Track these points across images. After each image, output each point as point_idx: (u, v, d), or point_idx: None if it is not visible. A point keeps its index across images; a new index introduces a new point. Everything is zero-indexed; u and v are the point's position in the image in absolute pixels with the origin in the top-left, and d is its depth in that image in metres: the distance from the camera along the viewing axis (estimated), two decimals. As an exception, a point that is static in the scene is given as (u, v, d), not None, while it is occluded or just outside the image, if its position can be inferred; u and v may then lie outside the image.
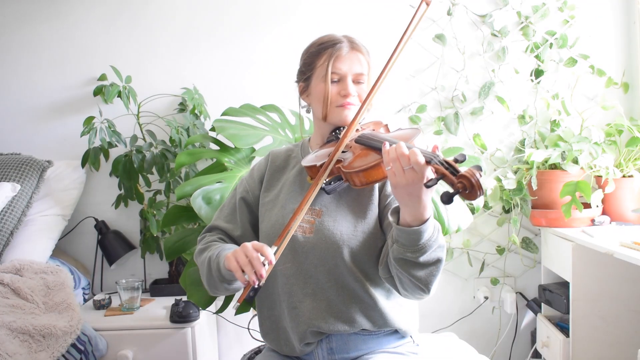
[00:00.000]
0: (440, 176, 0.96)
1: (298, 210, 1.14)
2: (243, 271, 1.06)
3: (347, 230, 1.20)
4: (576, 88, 2.26)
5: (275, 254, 1.08)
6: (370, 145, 1.15)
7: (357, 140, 1.20)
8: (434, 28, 2.31)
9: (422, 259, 1.07)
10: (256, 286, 1.05)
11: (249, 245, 1.08)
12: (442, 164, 0.96)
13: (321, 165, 1.19)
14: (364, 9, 2.33)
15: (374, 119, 1.35)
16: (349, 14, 2.33)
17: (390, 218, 1.09)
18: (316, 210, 1.24)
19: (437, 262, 1.09)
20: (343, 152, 1.19)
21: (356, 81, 1.27)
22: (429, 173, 0.99)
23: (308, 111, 1.38)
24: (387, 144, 1.05)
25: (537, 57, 2.29)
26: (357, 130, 1.24)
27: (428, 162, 0.98)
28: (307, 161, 1.25)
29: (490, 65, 2.32)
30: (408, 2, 2.28)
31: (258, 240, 1.31)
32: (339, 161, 1.18)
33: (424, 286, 1.11)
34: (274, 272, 1.25)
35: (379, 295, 1.21)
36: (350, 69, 1.26)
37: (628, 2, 2.33)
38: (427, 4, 1.20)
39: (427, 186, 0.97)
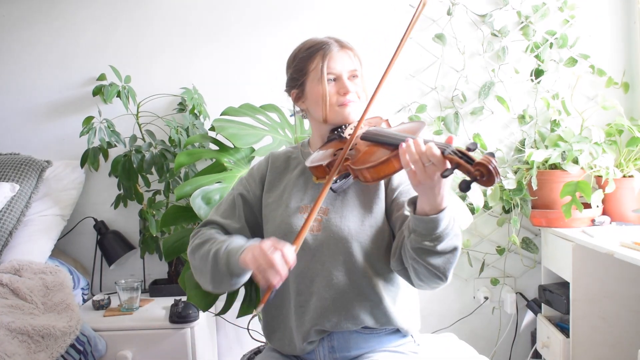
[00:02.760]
0: (455, 165, 0.98)
1: (313, 210, 1.13)
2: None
3: (355, 225, 1.21)
4: (576, 88, 2.26)
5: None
6: (378, 141, 1.16)
7: (363, 137, 1.20)
8: (434, 28, 2.31)
9: (440, 247, 1.07)
10: (277, 287, 1.06)
11: (268, 245, 1.07)
12: (456, 154, 0.98)
13: (327, 164, 1.19)
14: (365, 10, 2.33)
15: (375, 115, 1.35)
16: (349, 14, 2.33)
17: (408, 208, 1.10)
18: (322, 208, 1.24)
19: (454, 250, 1.10)
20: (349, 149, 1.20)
21: (352, 77, 1.28)
22: (448, 164, 1.01)
23: (304, 117, 1.37)
24: (403, 143, 1.05)
25: (537, 57, 2.29)
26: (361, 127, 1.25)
27: (442, 153, 0.99)
28: (312, 161, 1.24)
29: (490, 65, 2.31)
30: (408, 2, 2.28)
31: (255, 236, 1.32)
32: (346, 159, 1.18)
33: (441, 274, 1.11)
34: None
35: (384, 292, 1.22)
36: (344, 66, 1.27)
37: (628, 2, 2.32)
38: (424, 3, 1.20)
39: (444, 176, 0.98)
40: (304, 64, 1.29)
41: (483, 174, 0.94)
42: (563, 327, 2.07)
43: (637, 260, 1.51)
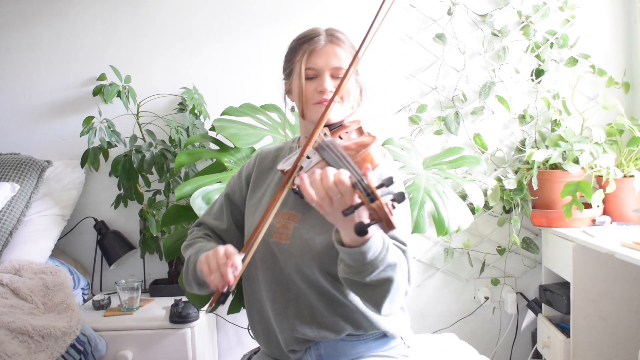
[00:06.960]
0: (360, 203, 0.90)
1: (264, 217, 1.09)
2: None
3: (323, 236, 1.15)
4: (577, 88, 2.26)
5: (243, 261, 1.07)
6: (322, 157, 1.07)
7: (316, 148, 1.11)
8: (435, 28, 2.30)
9: (369, 279, 0.99)
10: (225, 291, 1.05)
11: (220, 250, 1.06)
12: (364, 190, 0.89)
13: (291, 170, 1.13)
14: (365, 10, 2.32)
15: (356, 118, 1.26)
16: (349, 14, 2.32)
17: (333, 238, 1.01)
18: (293, 214, 1.20)
19: (387, 282, 1.01)
20: (308, 157, 1.11)
21: (335, 76, 1.19)
22: (357, 198, 0.92)
23: (293, 110, 1.32)
24: (307, 182, 0.95)
25: (537, 56, 2.29)
26: (324, 134, 1.15)
27: (354, 187, 0.91)
28: (281, 165, 1.19)
29: (491, 65, 2.31)
30: (409, 2, 2.28)
31: (244, 236, 1.31)
32: (300, 167, 1.11)
33: (374, 307, 1.05)
34: (256, 278, 1.24)
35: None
36: (327, 63, 1.18)
37: (628, 2, 2.32)
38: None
39: (345, 214, 0.91)
40: (291, 55, 1.23)
41: (375, 219, 0.86)
42: (564, 327, 2.07)
43: (637, 260, 1.51)
